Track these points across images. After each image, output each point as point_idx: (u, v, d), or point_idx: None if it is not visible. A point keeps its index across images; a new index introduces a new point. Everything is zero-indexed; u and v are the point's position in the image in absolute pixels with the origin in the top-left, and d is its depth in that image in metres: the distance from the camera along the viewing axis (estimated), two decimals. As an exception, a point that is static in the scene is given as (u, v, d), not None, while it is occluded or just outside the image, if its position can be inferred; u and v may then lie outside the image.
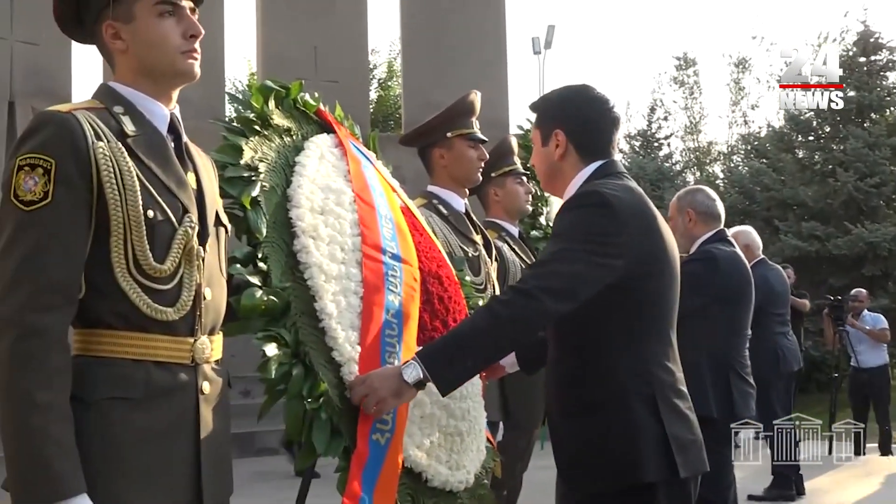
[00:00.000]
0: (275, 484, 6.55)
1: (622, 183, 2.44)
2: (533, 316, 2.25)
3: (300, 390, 2.10)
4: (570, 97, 2.60)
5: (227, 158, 2.23)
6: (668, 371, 2.39)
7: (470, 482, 2.61)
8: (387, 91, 23.47)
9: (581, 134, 2.51)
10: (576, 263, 2.25)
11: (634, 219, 2.34)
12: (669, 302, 2.44)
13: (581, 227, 2.31)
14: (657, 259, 2.38)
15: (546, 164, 2.58)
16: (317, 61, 11.38)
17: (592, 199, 2.35)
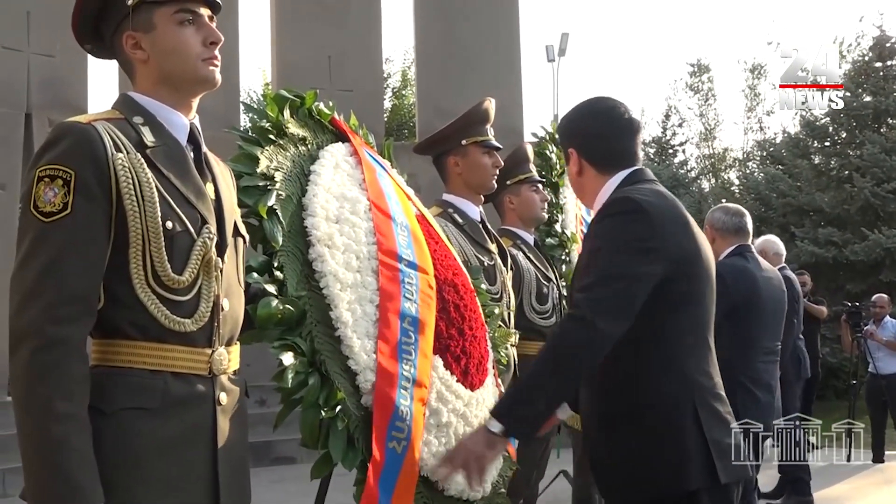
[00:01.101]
0: (291, 493, 6.55)
1: (653, 188, 2.43)
2: (593, 343, 2.22)
3: (316, 399, 2.10)
4: (577, 115, 2.61)
5: (242, 168, 2.23)
6: (708, 375, 2.36)
7: (487, 490, 2.60)
8: (401, 100, 23.50)
9: (591, 149, 2.53)
10: (621, 279, 2.23)
11: (668, 223, 2.32)
12: (706, 305, 2.40)
13: (618, 235, 2.30)
14: (692, 262, 2.35)
15: (572, 181, 2.63)
16: (331, 70, 11.39)
17: (626, 205, 2.33)
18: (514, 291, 3.77)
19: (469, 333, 2.66)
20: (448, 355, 2.53)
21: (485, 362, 2.75)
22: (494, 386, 2.88)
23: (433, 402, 2.38)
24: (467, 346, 2.63)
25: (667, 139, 28.93)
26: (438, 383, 2.43)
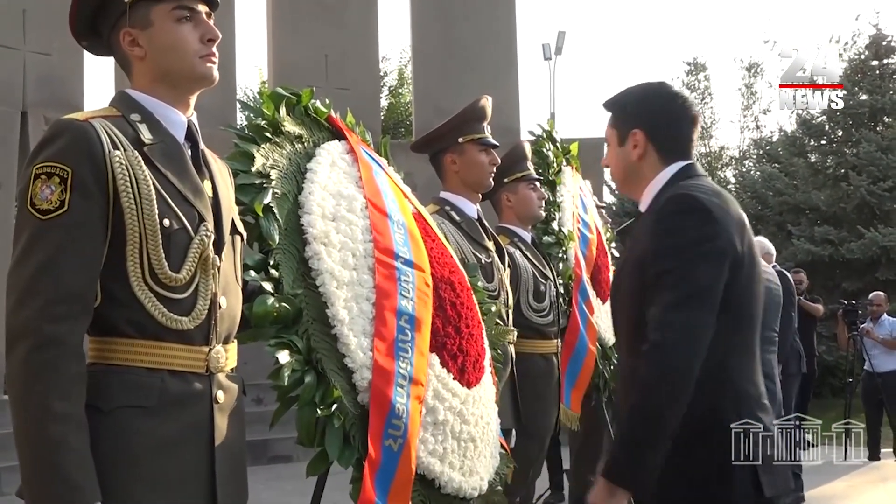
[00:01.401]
0: (287, 491, 6.55)
1: (710, 184, 2.34)
2: (681, 365, 2.09)
3: (312, 397, 2.10)
4: (650, 95, 2.48)
5: (238, 166, 2.23)
6: (753, 384, 2.26)
7: (483, 488, 2.60)
8: (398, 98, 23.50)
9: (662, 134, 2.40)
10: (703, 294, 2.13)
11: (727, 222, 2.22)
12: (755, 310, 2.30)
13: (684, 235, 2.18)
14: (744, 263, 2.23)
15: (623, 165, 2.46)
16: (328, 69, 11.38)
17: (690, 203, 2.22)
18: (512, 289, 3.77)
19: (466, 331, 2.66)
20: (444, 353, 2.52)
21: (481, 360, 2.75)
22: (491, 384, 2.88)
23: (430, 400, 2.38)
24: (464, 343, 2.63)
25: (663, 137, 28.88)
26: (435, 381, 2.43)
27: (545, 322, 3.99)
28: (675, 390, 2.09)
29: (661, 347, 2.11)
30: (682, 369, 2.09)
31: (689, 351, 2.10)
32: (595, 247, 4.74)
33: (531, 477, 3.95)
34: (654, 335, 2.13)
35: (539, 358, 3.93)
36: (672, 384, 2.10)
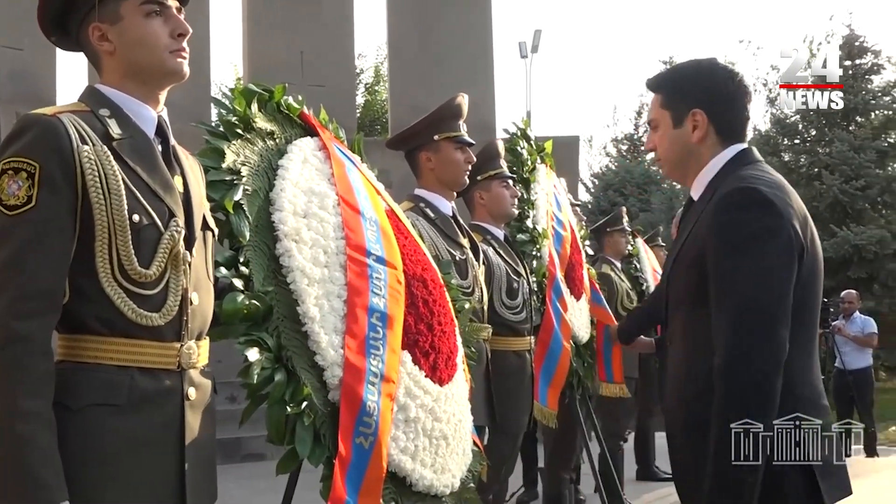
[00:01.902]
0: (260, 490, 6.53)
1: (772, 176, 2.21)
2: (760, 388, 1.99)
3: (282, 395, 2.09)
4: (708, 73, 2.35)
5: (209, 162, 2.21)
6: (810, 385, 2.15)
7: (455, 486, 2.60)
8: (374, 96, 23.46)
9: (722, 115, 2.29)
10: (766, 287, 2.03)
11: (791, 214, 2.10)
12: (814, 307, 2.18)
13: (748, 231, 2.06)
14: (808, 259, 2.12)
15: (678, 147, 2.33)
16: (303, 66, 11.35)
17: (751, 196, 2.09)
18: (485, 287, 3.77)
19: (438, 328, 2.65)
20: (416, 350, 2.52)
21: (454, 357, 2.75)
22: (464, 381, 2.88)
23: (401, 398, 2.38)
24: (436, 341, 2.62)
25: (639, 136, 29.07)
26: (407, 378, 2.43)
27: (518, 319, 4.00)
28: (764, 417, 1.99)
29: (740, 372, 2.00)
30: (767, 395, 1.99)
31: (769, 375, 1.99)
32: (569, 244, 4.75)
33: (504, 474, 3.95)
34: (729, 355, 2.02)
35: (512, 355, 3.94)
36: (762, 409, 2.00)
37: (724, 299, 2.07)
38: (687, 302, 2.23)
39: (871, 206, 18.69)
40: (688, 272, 2.21)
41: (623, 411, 6.61)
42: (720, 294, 2.08)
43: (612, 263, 6.64)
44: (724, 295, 2.07)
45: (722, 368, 2.03)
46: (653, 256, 7.67)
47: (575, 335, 4.53)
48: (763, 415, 2.00)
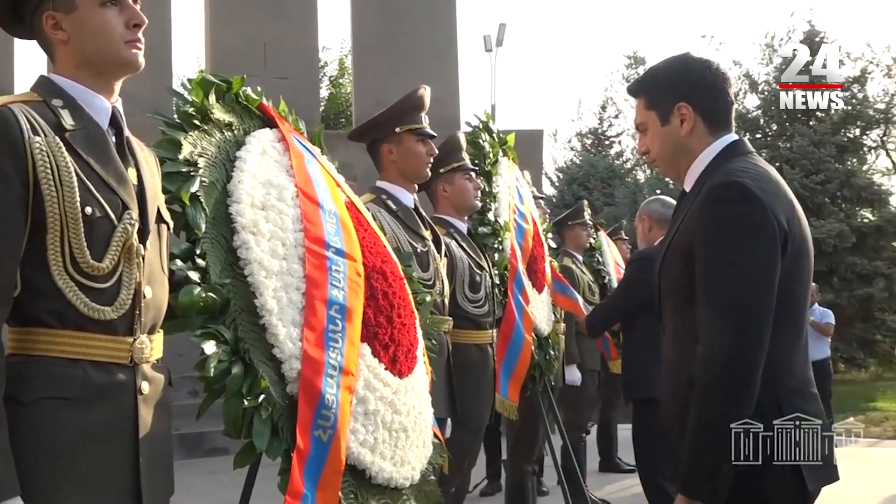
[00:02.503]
0: (223, 484, 6.49)
1: (759, 168, 2.25)
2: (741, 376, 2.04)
3: (240, 388, 2.07)
4: (684, 67, 2.39)
5: (165, 153, 2.19)
6: (796, 374, 2.18)
7: (415, 478, 2.60)
8: (338, 89, 23.36)
9: (707, 103, 2.33)
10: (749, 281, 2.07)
11: (777, 207, 2.14)
12: (801, 298, 2.22)
13: (732, 225, 2.10)
14: (794, 251, 2.16)
15: (669, 143, 2.36)
16: (266, 58, 11.28)
17: (735, 191, 2.13)
18: (448, 280, 3.77)
19: (398, 321, 2.64)
20: (376, 343, 2.51)
21: (414, 350, 2.74)
22: (425, 374, 2.87)
23: (360, 391, 2.37)
24: (396, 333, 2.61)
25: (603, 130, 29.25)
26: (366, 371, 2.41)
27: (480, 312, 4.00)
28: (742, 402, 2.05)
29: (719, 356, 2.05)
30: (745, 381, 2.04)
31: (748, 358, 2.04)
32: (531, 237, 4.76)
33: (466, 467, 3.95)
34: (710, 341, 2.08)
35: (474, 348, 3.94)
36: (738, 398, 2.05)
37: (708, 292, 2.12)
38: (677, 292, 2.27)
39: (831, 201, 18.94)
40: (678, 264, 2.25)
41: (585, 404, 6.65)
42: (705, 287, 2.13)
43: (573, 256, 6.68)
44: (708, 288, 2.12)
45: (702, 358, 2.08)
46: (615, 250, 7.71)
47: (537, 328, 4.55)
48: (739, 405, 2.05)
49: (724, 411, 2.05)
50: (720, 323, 2.08)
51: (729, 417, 2.05)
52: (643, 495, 4.63)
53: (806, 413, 2.15)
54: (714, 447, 2.05)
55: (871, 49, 28.13)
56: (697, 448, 2.08)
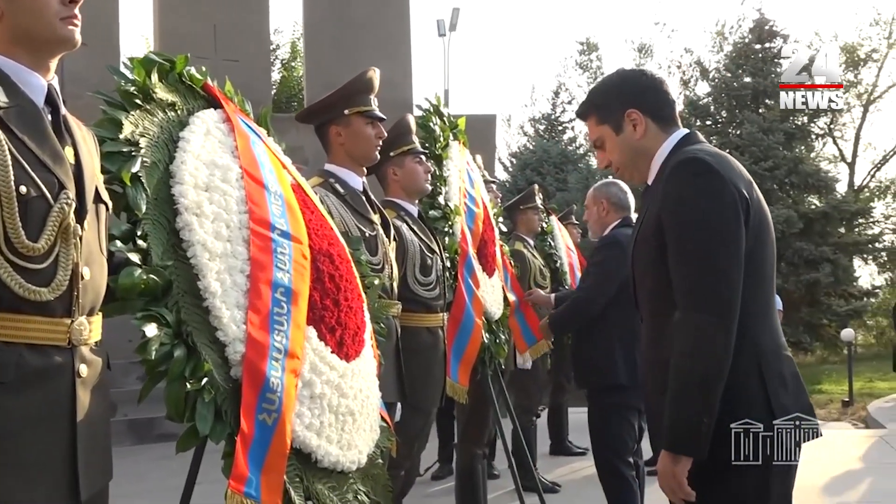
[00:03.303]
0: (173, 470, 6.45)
1: (714, 149, 2.41)
2: (715, 330, 2.16)
3: (182, 371, 2.05)
4: (624, 76, 2.59)
5: (105, 133, 2.14)
6: (772, 337, 2.31)
7: (362, 462, 2.59)
8: (290, 72, 23.13)
9: (653, 104, 2.48)
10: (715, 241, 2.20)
11: (736, 179, 2.28)
12: (769, 262, 2.34)
13: (695, 196, 2.25)
14: (756, 220, 2.28)
15: (627, 150, 2.50)
16: (216, 40, 11.16)
17: (695, 165, 2.28)
18: (399, 263, 3.75)
19: (345, 304, 2.63)
20: (322, 326, 2.49)
21: (361, 333, 2.72)
22: (372, 357, 2.86)
23: (306, 374, 2.35)
24: (342, 316, 2.60)
25: (556, 116, 29.36)
26: (312, 354, 2.40)
27: (431, 296, 3.99)
28: (719, 360, 2.16)
29: (694, 326, 2.18)
30: (720, 339, 2.16)
31: (722, 317, 2.16)
32: (481, 221, 4.76)
33: (416, 450, 3.95)
34: (684, 304, 2.21)
35: (425, 332, 3.94)
36: (714, 356, 2.16)
37: (681, 259, 2.25)
38: (650, 273, 2.38)
39: (779, 187, 19.23)
40: (649, 244, 2.35)
41: (536, 387, 6.68)
42: (675, 254, 2.26)
43: (525, 241, 6.70)
44: (677, 253, 2.26)
45: (679, 322, 2.22)
46: (567, 234, 7.75)
47: (487, 311, 4.55)
48: (716, 363, 2.17)
49: (701, 370, 2.17)
50: (693, 286, 2.21)
51: (707, 376, 2.17)
52: (593, 478, 4.67)
53: (783, 376, 2.28)
54: (694, 404, 2.17)
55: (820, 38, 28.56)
56: (679, 408, 2.20)
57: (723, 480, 2.23)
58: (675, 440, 2.21)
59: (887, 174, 28.98)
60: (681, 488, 2.20)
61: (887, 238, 26.25)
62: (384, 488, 2.76)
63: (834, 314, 19.85)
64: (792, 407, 2.26)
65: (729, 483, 2.24)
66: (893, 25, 27.57)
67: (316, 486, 2.35)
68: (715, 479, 2.22)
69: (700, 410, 2.16)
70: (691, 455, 2.18)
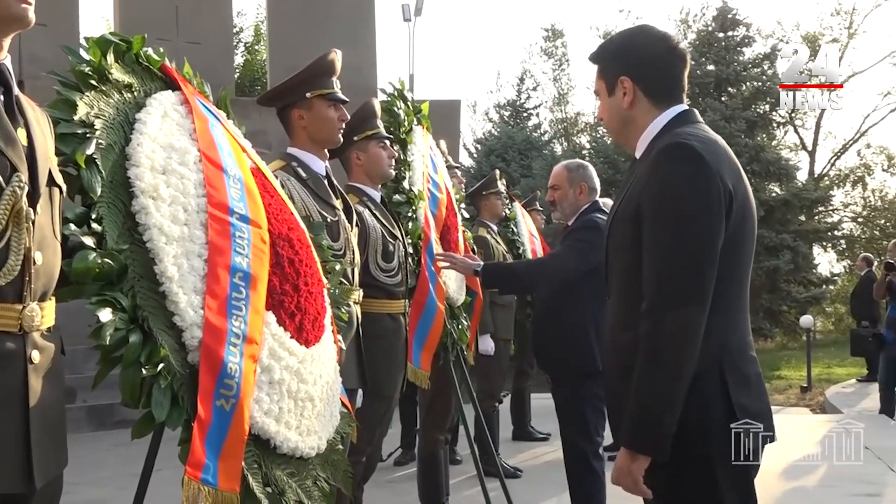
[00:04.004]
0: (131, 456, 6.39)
1: (706, 133, 2.31)
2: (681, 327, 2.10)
3: (137, 357, 2.02)
4: (630, 39, 2.46)
5: (60, 114, 2.10)
6: (739, 335, 2.26)
7: (322, 448, 2.57)
8: (254, 55, 22.93)
9: (649, 78, 2.36)
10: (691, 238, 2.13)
11: (722, 170, 2.19)
12: (744, 260, 2.27)
13: (677, 184, 2.17)
14: (738, 214, 2.21)
15: (615, 114, 2.42)
16: (178, 22, 11.02)
17: (681, 152, 2.20)
18: (360, 249, 3.73)
19: (304, 289, 2.60)
20: (282, 311, 2.47)
21: (321, 318, 2.70)
22: (332, 343, 2.84)
23: (265, 359, 2.33)
24: (302, 301, 2.57)
25: (521, 102, 29.38)
26: (271, 340, 2.38)
27: (393, 282, 3.98)
28: (682, 358, 2.10)
29: (662, 321, 2.12)
30: (686, 337, 2.10)
31: (689, 315, 2.10)
32: (445, 207, 4.75)
33: (377, 437, 3.94)
34: (652, 297, 2.14)
35: (387, 318, 3.92)
36: (679, 354, 2.10)
37: (654, 250, 2.18)
38: (624, 254, 2.31)
39: (741, 174, 19.41)
40: (625, 225, 2.29)
41: (498, 373, 6.70)
42: (649, 242, 2.19)
43: (488, 226, 6.70)
44: (651, 243, 2.18)
45: (645, 314, 2.15)
46: (530, 220, 7.77)
47: (450, 297, 4.55)
48: (680, 361, 2.11)
49: (665, 367, 2.11)
50: (664, 279, 2.14)
51: (670, 373, 2.11)
52: (555, 463, 4.70)
53: (747, 374, 2.23)
54: (657, 401, 2.12)
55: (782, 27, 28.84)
56: (641, 405, 2.14)
57: (676, 477, 2.19)
58: (635, 439, 2.16)
59: (846, 163, 29.36)
60: (636, 486, 2.16)
61: (846, 226, 26.69)
62: (344, 474, 2.75)
63: (793, 301, 20.12)
64: (752, 407, 2.21)
65: (682, 479, 2.20)
66: (854, 15, 27.88)
67: (275, 472, 2.34)
68: (669, 476, 2.18)
69: (663, 408, 2.11)
70: (652, 455, 2.13)
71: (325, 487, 2.57)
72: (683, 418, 2.12)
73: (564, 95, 32.95)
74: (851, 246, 26.81)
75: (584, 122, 31.74)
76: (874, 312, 12.19)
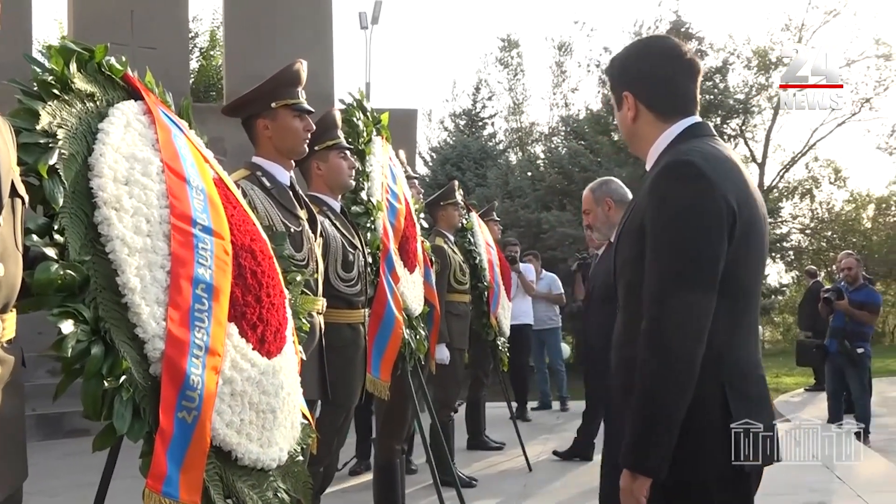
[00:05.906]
0: (84, 466, 6.30)
1: (712, 149, 2.25)
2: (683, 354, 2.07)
3: (99, 369, 2.00)
4: (633, 54, 2.42)
5: (22, 123, 2.08)
6: (743, 354, 2.22)
7: (283, 459, 2.57)
8: (209, 61, 22.72)
9: (651, 93, 2.34)
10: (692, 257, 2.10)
11: (726, 188, 2.15)
12: (751, 278, 2.24)
13: (679, 203, 2.13)
14: (742, 232, 2.16)
15: (624, 128, 2.42)
16: (133, 25, 10.91)
17: (683, 170, 2.16)
18: (322, 259, 3.73)
19: (266, 301, 2.60)
20: (244, 322, 2.46)
21: (283, 330, 2.70)
22: (294, 354, 2.84)
23: (227, 371, 2.32)
24: (264, 313, 2.57)
25: (477, 112, 29.46)
26: (233, 351, 2.37)
27: (353, 292, 3.98)
28: (681, 380, 2.08)
29: (660, 334, 2.09)
30: (685, 358, 2.08)
31: (688, 338, 2.08)
32: (403, 217, 4.76)
33: (335, 446, 3.94)
34: (651, 318, 2.11)
35: (346, 328, 3.93)
36: (677, 373, 2.08)
37: (654, 268, 2.15)
38: (629, 269, 2.29)
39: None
40: (630, 241, 2.28)
41: (454, 382, 6.73)
42: (650, 259, 2.16)
43: (445, 236, 6.73)
44: (654, 265, 2.15)
45: (645, 333, 2.12)
46: (486, 230, 7.81)
47: (407, 307, 4.57)
48: (679, 381, 2.08)
49: (663, 387, 2.09)
50: (663, 298, 2.11)
51: (668, 393, 2.08)
52: (510, 472, 4.71)
53: (749, 394, 2.20)
54: (656, 422, 2.10)
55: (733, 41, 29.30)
56: (639, 423, 2.12)
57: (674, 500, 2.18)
58: (634, 460, 2.13)
59: (795, 175, 29.84)
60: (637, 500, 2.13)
61: (794, 237, 27.10)
62: (304, 485, 2.75)
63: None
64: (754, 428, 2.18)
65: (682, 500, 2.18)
66: (803, 31, 28.39)
67: (236, 484, 2.33)
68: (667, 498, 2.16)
69: (661, 428, 2.09)
70: (650, 476, 2.11)
71: (286, 499, 2.57)
72: (682, 441, 2.10)
73: (520, 105, 33.12)
74: (799, 257, 27.24)
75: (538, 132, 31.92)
76: (818, 324, 12.41)
